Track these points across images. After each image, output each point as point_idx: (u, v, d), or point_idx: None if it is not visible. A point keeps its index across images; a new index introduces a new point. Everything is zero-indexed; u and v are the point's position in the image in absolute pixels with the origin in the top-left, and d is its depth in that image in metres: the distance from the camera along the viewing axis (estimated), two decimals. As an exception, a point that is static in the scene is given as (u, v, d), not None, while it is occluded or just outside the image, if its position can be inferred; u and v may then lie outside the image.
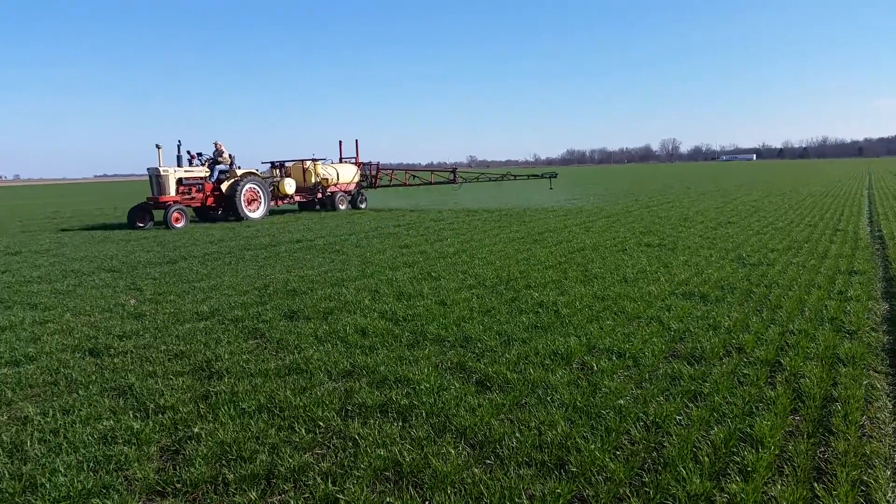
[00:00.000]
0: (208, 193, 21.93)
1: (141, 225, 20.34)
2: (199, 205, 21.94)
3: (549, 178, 29.33)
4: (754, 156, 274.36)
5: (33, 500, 3.47)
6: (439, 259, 11.53)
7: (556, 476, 3.65)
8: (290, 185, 24.20)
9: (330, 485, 3.53)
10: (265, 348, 6.27)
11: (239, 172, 22.58)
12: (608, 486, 3.56)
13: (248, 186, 22.26)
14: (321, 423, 4.39)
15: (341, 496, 3.41)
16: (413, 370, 5.39)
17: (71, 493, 3.51)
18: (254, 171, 23.19)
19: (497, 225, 17.60)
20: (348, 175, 26.83)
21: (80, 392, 5.13)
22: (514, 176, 30.56)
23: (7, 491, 3.59)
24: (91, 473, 3.75)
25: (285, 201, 24.73)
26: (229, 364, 5.71)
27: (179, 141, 22.22)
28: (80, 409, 4.75)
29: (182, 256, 12.81)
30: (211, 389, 5.09)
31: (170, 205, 20.16)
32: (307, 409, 4.61)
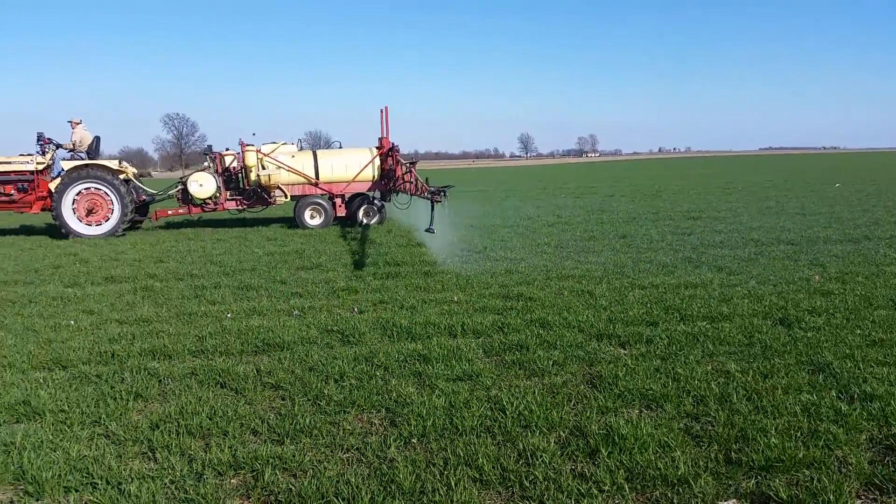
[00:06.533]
0: (44, 193, 15.01)
1: None
2: (30, 209, 15.12)
3: (431, 196, 10.61)
4: None
5: (747, 451, 3.65)
6: None
7: None
8: (199, 185, 15.50)
9: None
10: None
11: (66, 165, 14.87)
12: None
13: (82, 187, 14.71)
14: None
15: None
16: None
17: (782, 457, 3.54)
18: (104, 162, 15.10)
19: None
20: (346, 168, 16.03)
21: (775, 359, 5.19)
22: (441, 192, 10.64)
23: (722, 436, 3.87)
24: (800, 444, 3.72)
25: (209, 208, 15.99)
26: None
27: None
28: (778, 376, 4.80)
29: (865, 236, 11.73)
30: (926, 390, 4.42)
31: None
32: None
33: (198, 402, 4.56)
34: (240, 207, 16.22)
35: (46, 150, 15.19)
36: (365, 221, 15.89)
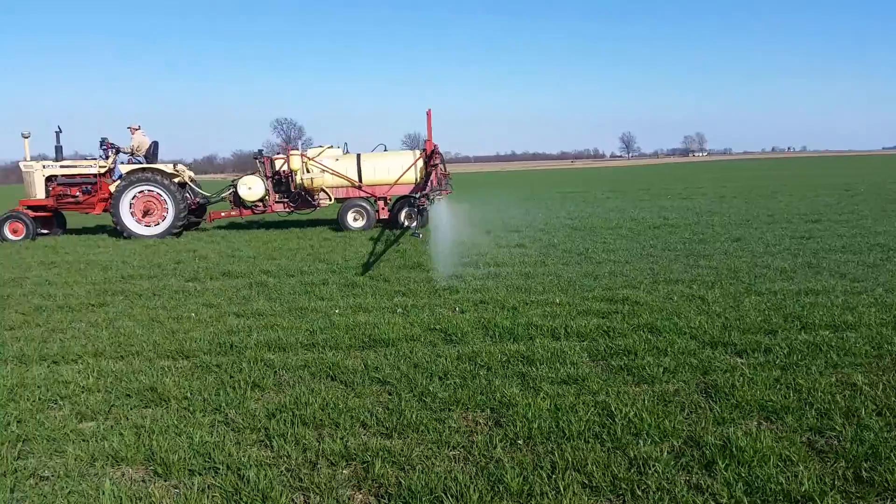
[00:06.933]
0: (106, 195, 15.95)
1: (45, 231, 16.22)
2: (93, 210, 16.18)
3: (417, 200, 13.07)
4: None
5: (880, 471, 3.39)
6: None
7: None
8: (248, 188, 16.10)
9: None
10: None
11: (124, 168, 15.79)
12: None
13: (137, 190, 15.47)
14: None
15: None
16: None
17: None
18: (160, 166, 16.01)
19: None
20: (388, 171, 16.21)
21: (910, 373, 4.81)
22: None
23: (850, 453, 3.62)
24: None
25: (259, 210, 16.63)
26: None
27: (59, 127, 16.08)
28: None
29: None
30: None
31: (14, 212, 15.70)
32: None
33: (311, 394, 4.74)
34: (287, 210, 16.74)
35: (108, 154, 16.18)
36: (406, 224, 15.75)
